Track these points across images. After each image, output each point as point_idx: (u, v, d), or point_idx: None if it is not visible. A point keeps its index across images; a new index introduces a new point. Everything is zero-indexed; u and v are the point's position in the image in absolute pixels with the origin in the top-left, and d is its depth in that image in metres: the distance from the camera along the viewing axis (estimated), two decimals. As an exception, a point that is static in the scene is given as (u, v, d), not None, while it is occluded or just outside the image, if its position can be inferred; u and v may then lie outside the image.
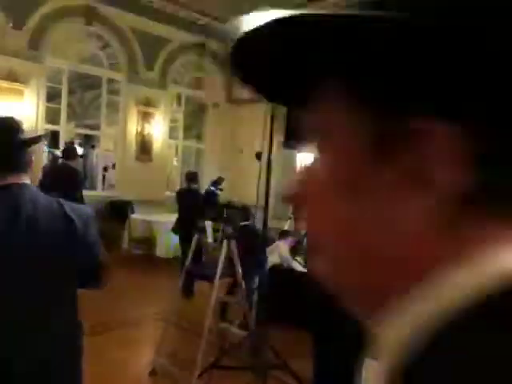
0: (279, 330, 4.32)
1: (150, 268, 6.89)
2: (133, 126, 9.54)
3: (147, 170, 9.68)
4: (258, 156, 2.89)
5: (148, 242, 7.62)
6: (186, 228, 5.30)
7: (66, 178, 5.20)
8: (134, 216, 8.20)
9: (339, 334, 2.65)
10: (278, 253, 4.93)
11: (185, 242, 5.30)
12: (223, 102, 11.30)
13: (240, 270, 3.27)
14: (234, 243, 3.17)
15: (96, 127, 10.30)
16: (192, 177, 6.54)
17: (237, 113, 11.12)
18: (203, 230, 3.13)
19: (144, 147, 9.67)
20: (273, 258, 4.82)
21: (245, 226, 4.48)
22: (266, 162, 3.02)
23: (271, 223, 9.98)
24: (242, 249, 3.36)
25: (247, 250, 3.60)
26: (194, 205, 5.72)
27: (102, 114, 9.62)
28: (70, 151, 5.84)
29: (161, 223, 7.55)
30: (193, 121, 11.84)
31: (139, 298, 5.27)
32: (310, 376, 2.85)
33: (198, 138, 11.78)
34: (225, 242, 3.12)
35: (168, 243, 7.20)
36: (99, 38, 9.19)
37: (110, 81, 9.65)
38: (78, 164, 6.27)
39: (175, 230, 6.06)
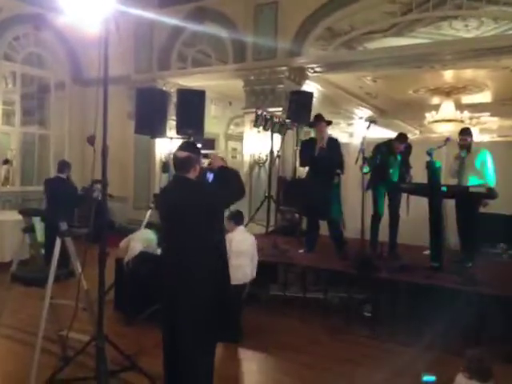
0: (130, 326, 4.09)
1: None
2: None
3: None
4: (90, 140, 2.54)
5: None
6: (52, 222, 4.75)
7: None
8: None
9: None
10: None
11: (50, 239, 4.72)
12: (70, 82, 10.20)
13: (80, 269, 2.89)
14: (69, 241, 2.78)
15: None
16: (59, 166, 6.15)
17: (86, 94, 10.12)
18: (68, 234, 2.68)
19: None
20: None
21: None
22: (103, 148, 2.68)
23: (132, 214, 9.52)
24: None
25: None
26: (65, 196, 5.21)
27: None
28: None
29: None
30: (33, 104, 10.41)
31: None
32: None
33: (41, 123, 10.42)
34: (58, 241, 2.72)
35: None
36: None
37: None
38: None
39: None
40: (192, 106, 5.29)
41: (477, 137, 10.79)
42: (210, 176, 2.82)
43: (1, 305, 3.43)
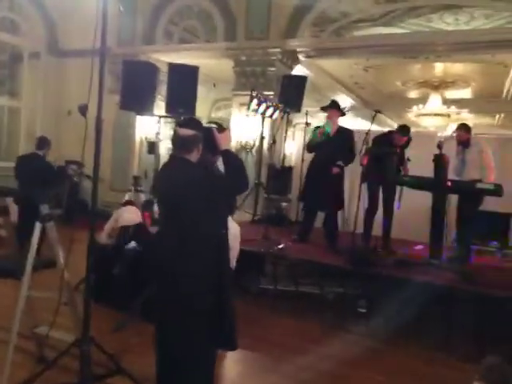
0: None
1: None
2: None
3: None
4: (82, 110, 2.18)
5: None
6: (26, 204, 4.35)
7: None
8: None
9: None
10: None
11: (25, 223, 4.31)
12: (45, 51, 9.51)
13: (62, 260, 2.53)
14: (52, 226, 2.41)
15: None
16: (38, 142, 5.63)
17: (63, 66, 9.48)
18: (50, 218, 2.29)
19: None
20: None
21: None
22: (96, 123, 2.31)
23: (108, 196, 9.08)
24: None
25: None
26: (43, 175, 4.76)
27: None
28: None
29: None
30: (4, 73, 9.68)
31: None
32: (153, 373, 2.40)
33: (12, 94, 9.71)
34: (37, 225, 2.35)
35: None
36: None
37: None
38: None
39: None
40: (184, 83, 4.90)
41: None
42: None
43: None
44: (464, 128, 4.98)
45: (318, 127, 5.39)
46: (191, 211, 2.25)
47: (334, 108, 5.22)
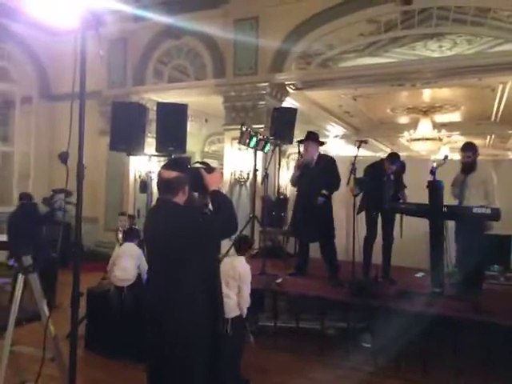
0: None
1: None
2: None
3: None
4: (63, 157, 2.12)
5: None
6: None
7: None
8: None
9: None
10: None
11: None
12: (37, 96, 9.61)
13: (47, 312, 2.42)
14: (35, 277, 2.31)
15: None
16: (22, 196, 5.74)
17: (55, 110, 9.56)
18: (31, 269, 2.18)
19: None
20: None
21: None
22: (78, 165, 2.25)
23: (103, 236, 8.92)
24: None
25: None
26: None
27: None
28: None
29: None
30: (-4, 119, 9.75)
31: None
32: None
33: (4, 139, 9.73)
34: (19, 278, 2.25)
35: None
36: None
37: None
38: None
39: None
40: (173, 121, 4.89)
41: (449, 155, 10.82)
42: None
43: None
44: (469, 148, 4.62)
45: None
46: (177, 255, 2.17)
47: (310, 140, 5.20)
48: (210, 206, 2.29)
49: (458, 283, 4.53)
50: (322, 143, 5.39)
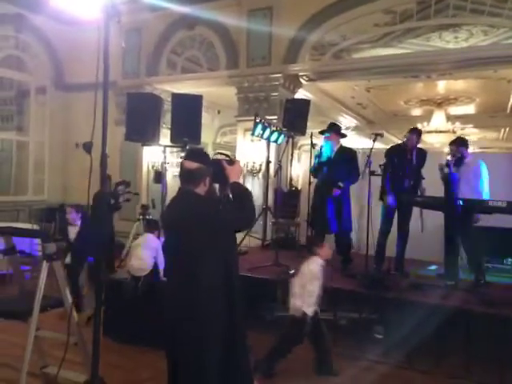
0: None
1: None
2: None
3: None
4: (87, 147, 2.17)
5: None
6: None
7: None
8: None
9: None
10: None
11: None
12: (51, 86, 9.69)
13: (70, 299, 2.48)
14: (58, 265, 2.37)
15: None
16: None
17: (69, 100, 9.65)
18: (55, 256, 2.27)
19: None
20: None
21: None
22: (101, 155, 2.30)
23: (118, 225, 9.06)
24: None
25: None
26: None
27: None
28: None
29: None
30: (12, 109, 9.86)
31: None
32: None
33: (20, 129, 9.86)
34: (44, 264, 2.31)
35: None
36: None
37: None
38: None
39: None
40: (188, 112, 4.92)
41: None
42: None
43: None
44: (457, 142, 4.69)
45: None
46: (195, 244, 2.20)
47: (332, 131, 5.22)
48: (231, 197, 2.32)
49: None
50: (344, 135, 5.39)
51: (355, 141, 12.81)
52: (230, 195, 2.32)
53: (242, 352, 2.29)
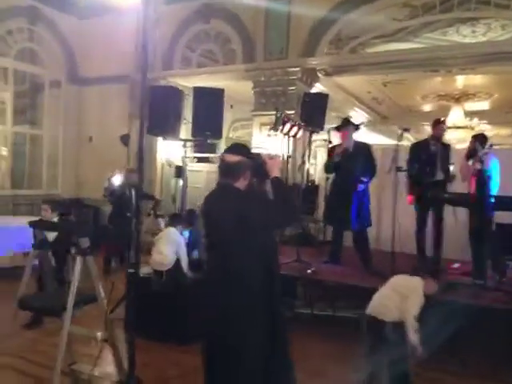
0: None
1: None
2: None
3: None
4: (125, 140, 2.10)
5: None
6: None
7: None
8: None
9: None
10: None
11: None
12: (65, 80, 9.65)
13: (103, 294, 2.43)
14: (91, 260, 2.32)
15: None
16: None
17: (83, 94, 9.61)
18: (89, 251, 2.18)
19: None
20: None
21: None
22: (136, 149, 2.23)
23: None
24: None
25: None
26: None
27: None
28: None
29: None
30: (26, 102, 9.83)
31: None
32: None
33: (33, 123, 9.84)
34: (78, 260, 2.26)
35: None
36: None
37: None
38: None
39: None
40: (209, 106, 4.86)
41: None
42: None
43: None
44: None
45: (334, 147, 5.33)
46: (233, 241, 2.14)
47: (348, 126, 5.14)
48: (270, 192, 2.25)
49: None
50: (359, 128, 5.30)
51: (367, 136, 12.69)
52: (271, 191, 2.24)
53: (284, 363, 2.22)
